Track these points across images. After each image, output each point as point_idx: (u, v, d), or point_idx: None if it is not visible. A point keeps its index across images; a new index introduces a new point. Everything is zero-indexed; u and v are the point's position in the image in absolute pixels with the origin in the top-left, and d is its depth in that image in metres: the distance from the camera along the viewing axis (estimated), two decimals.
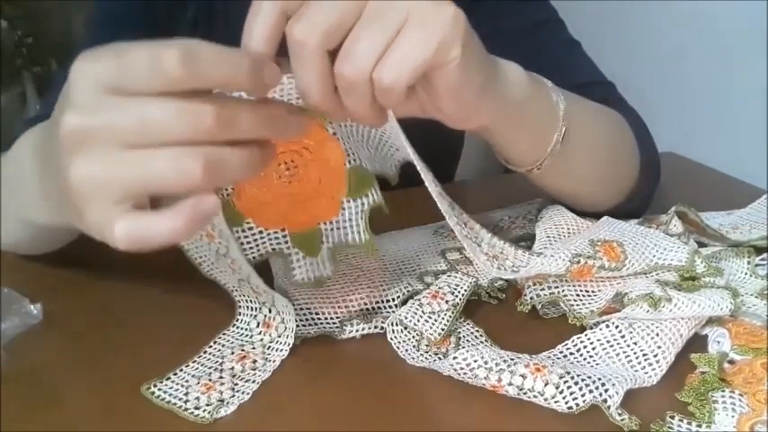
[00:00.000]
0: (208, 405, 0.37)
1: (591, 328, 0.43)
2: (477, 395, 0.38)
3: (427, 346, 0.42)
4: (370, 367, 0.41)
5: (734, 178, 0.70)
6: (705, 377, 0.38)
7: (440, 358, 0.41)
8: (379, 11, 0.33)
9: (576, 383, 0.37)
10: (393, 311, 0.45)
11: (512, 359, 0.38)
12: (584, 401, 0.36)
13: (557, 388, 0.37)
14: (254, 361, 0.41)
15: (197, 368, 0.40)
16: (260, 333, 0.43)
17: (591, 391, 0.36)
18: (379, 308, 0.45)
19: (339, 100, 0.35)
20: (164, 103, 0.29)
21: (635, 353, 0.40)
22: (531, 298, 0.44)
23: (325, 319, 0.44)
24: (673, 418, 0.36)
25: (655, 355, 0.40)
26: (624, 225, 0.50)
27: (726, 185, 0.69)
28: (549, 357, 0.40)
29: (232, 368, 0.40)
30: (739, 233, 0.53)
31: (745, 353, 0.40)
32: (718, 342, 0.41)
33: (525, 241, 0.53)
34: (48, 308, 0.45)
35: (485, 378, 0.38)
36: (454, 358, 0.38)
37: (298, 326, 0.43)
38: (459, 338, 0.43)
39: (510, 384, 0.37)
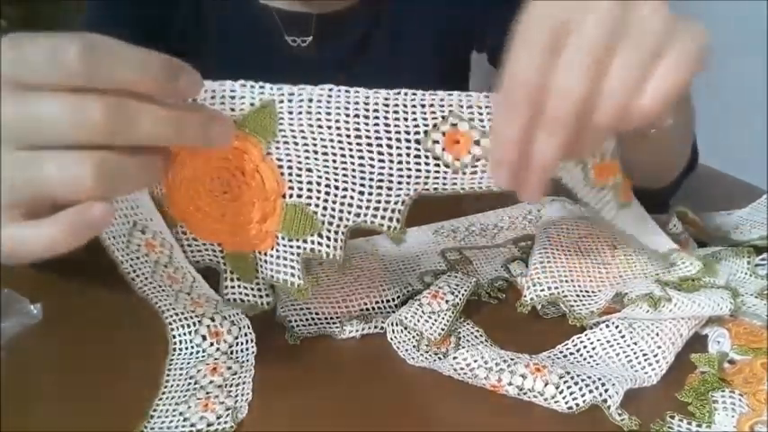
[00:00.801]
0: (219, 417, 0.36)
1: (591, 328, 0.43)
2: (477, 395, 0.38)
3: (427, 346, 0.42)
4: (370, 367, 0.41)
5: (734, 178, 0.69)
6: (705, 377, 0.38)
7: (440, 358, 0.41)
8: (637, 42, 0.31)
9: (576, 383, 0.37)
10: (393, 311, 0.45)
11: (512, 359, 0.38)
12: (584, 401, 0.36)
13: (557, 388, 0.37)
14: (229, 368, 0.40)
15: (174, 397, 0.38)
16: (212, 345, 0.41)
17: (591, 391, 0.36)
18: (379, 308, 0.45)
19: None
20: (52, 97, 0.26)
21: (635, 353, 0.40)
22: (532, 298, 0.44)
23: (325, 319, 0.44)
24: (673, 418, 0.36)
25: (655, 355, 0.40)
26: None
27: (726, 185, 0.69)
28: (549, 357, 0.40)
29: (211, 381, 0.39)
30: (739, 233, 0.53)
31: (746, 353, 0.40)
32: (718, 342, 0.41)
33: (525, 241, 0.53)
34: (48, 308, 0.45)
35: (485, 378, 0.38)
36: (454, 358, 0.38)
37: (298, 326, 0.43)
38: (460, 338, 0.43)
39: (510, 384, 0.37)
